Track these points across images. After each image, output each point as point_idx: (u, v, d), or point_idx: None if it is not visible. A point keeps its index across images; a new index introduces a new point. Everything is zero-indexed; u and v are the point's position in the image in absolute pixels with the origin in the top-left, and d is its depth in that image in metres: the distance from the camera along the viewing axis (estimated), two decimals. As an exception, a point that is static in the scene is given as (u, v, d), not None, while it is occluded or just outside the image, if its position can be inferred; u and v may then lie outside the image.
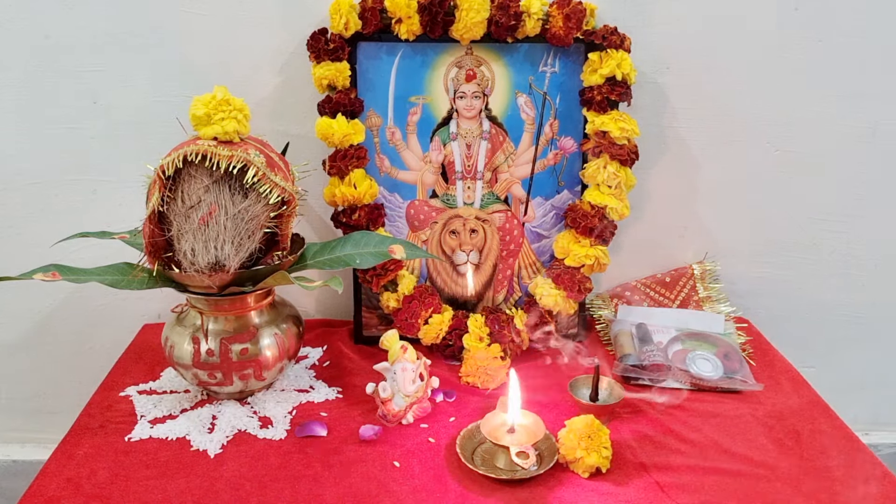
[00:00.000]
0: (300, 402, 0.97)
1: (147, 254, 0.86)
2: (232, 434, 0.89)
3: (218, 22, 1.05)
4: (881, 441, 1.34)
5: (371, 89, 1.04)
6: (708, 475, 0.82)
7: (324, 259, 0.94)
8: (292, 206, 0.89)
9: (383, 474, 0.82)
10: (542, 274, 1.11)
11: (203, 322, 0.90)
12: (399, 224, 1.10)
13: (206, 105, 0.83)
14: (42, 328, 1.21)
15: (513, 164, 1.08)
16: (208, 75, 1.07)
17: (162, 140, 0.93)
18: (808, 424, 0.92)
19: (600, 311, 1.18)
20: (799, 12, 1.07)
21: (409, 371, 0.91)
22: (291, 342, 0.95)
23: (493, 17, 0.98)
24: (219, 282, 0.85)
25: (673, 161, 1.15)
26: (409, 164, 1.08)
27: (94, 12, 1.04)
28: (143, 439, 0.88)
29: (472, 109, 1.06)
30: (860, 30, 1.08)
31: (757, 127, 1.14)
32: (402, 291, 1.07)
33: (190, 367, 0.91)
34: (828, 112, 1.13)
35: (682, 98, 1.11)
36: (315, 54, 1.00)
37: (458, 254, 1.11)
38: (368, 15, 0.99)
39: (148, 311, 1.21)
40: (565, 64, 1.04)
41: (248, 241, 0.85)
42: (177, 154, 0.83)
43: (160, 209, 0.85)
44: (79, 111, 1.09)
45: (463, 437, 0.87)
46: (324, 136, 1.02)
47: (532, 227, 1.11)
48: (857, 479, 0.83)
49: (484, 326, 1.07)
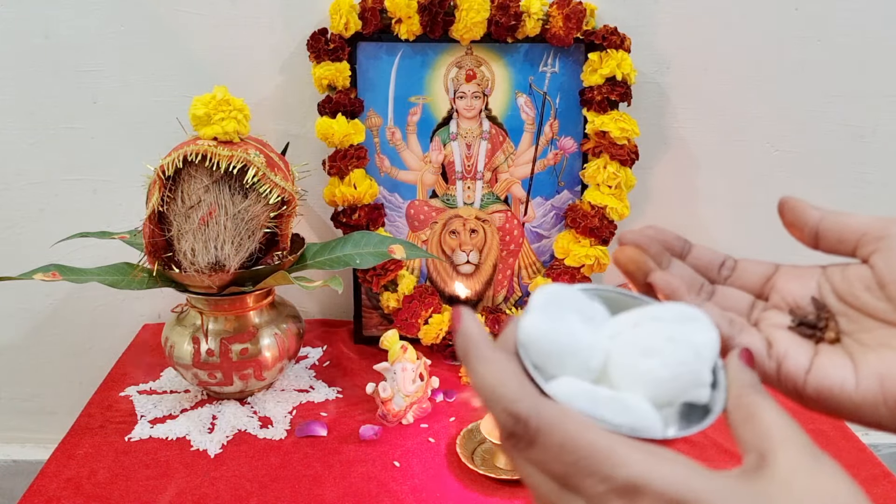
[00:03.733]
0: (300, 402, 0.97)
1: (147, 254, 0.86)
2: (232, 434, 0.89)
3: (218, 22, 1.05)
4: (881, 441, 1.34)
5: (371, 89, 1.04)
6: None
7: (324, 259, 0.94)
8: (292, 206, 0.89)
9: (383, 474, 0.82)
10: (542, 274, 1.11)
11: (203, 322, 0.90)
12: (399, 224, 1.10)
13: (206, 105, 0.83)
14: (42, 328, 1.21)
15: (513, 164, 1.08)
16: (208, 75, 1.07)
17: (162, 140, 0.93)
18: (808, 424, 0.92)
19: (600, 311, 1.17)
20: (799, 12, 1.07)
21: (409, 371, 0.91)
22: (291, 342, 0.95)
23: (493, 18, 0.98)
24: (219, 282, 0.85)
25: (673, 161, 1.15)
26: (409, 164, 1.08)
27: (94, 12, 1.04)
28: (143, 439, 0.88)
29: (472, 109, 1.06)
30: (860, 30, 1.08)
31: (757, 127, 1.14)
32: (402, 291, 1.07)
33: (190, 367, 0.91)
34: (828, 112, 1.13)
35: (682, 98, 1.11)
36: (315, 54, 1.00)
37: (458, 254, 1.11)
38: (368, 15, 0.99)
39: (148, 311, 1.21)
40: (565, 64, 1.04)
41: (248, 241, 0.85)
42: (177, 154, 0.83)
43: (160, 209, 0.85)
44: (79, 111, 1.09)
45: (463, 437, 0.87)
46: (324, 136, 1.02)
47: (532, 227, 1.11)
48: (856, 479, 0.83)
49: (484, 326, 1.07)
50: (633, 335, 0.33)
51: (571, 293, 0.35)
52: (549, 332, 0.33)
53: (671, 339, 0.33)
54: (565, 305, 0.34)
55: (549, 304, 0.34)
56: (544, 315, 0.33)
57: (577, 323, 0.34)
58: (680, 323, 0.33)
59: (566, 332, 0.33)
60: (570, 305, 0.34)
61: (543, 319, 0.33)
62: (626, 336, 0.34)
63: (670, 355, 0.32)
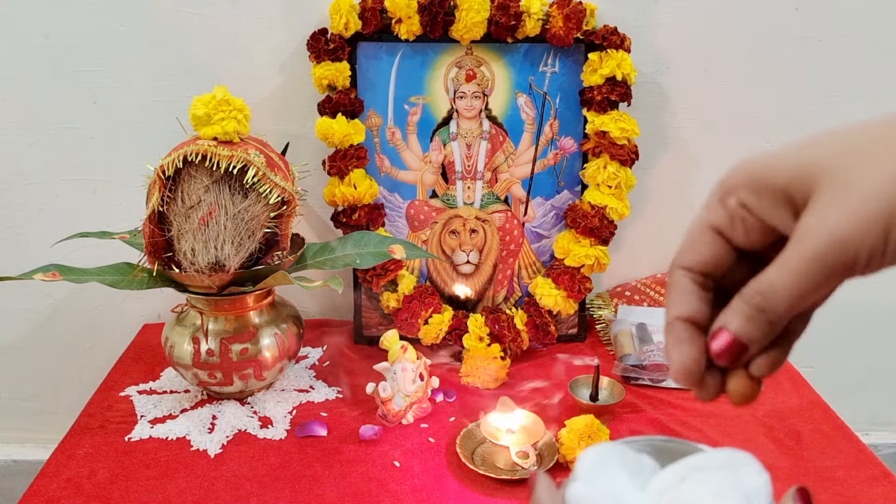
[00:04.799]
0: (300, 402, 0.97)
1: (147, 254, 0.86)
2: (232, 434, 0.89)
3: (218, 22, 1.05)
4: (881, 441, 1.34)
5: (371, 89, 1.04)
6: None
7: (324, 259, 0.94)
8: (292, 206, 0.89)
9: (383, 474, 0.82)
10: (542, 274, 1.11)
11: (203, 322, 0.90)
12: (399, 224, 1.10)
13: (206, 105, 0.83)
14: (42, 328, 1.21)
15: (513, 164, 1.08)
16: (208, 75, 1.07)
17: (162, 140, 0.93)
18: (808, 424, 0.92)
19: (600, 311, 1.18)
20: (799, 12, 1.07)
21: (409, 371, 0.91)
22: (291, 342, 0.95)
23: (493, 18, 0.98)
24: (219, 282, 0.85)
25: (673, 161, 1.15)
26: (409, 164, 1.08)
27: (93, 12, 1.04)
28: (143, 439, 0.88)
29: (472, 109, 1.06)
30: (860, 30, 1.08)
31: (757, 127, 1.14)
32: (402, 291, 1.07)
33: (190, 367, 0.91)
34: (828, 112, 1.13)
35: (682, 98, 1.11)
36: (315, 54, 1.00)
37: (458, 254, 1.11)
38: (368, 15, 0.99)
39: (148, 311, 1.21)
40: (565, 64, 1.04)
41: (248, 241, 0.85)
42: (177, 154, 0.83)
43: (160, 209, 0.85)
44: (79, 111, 1.09)
45: (463, 437, 0.87)
46: (324, 136, 1.02)
47: (532, 227, 1.11)
48: (856, 479, 0.83)
49: (484, 326, 1.07)
50: (679, 494, 0.32)
51: (616, 450, 0.34)
52: (597, 501, 0.31)
53: (717, 494, 0.31)
54: (611, 467, 0.33)
55: (594, 469, 0.33)
56: (590, 483, 0.32)
57: (625, 484, 0.32)
58: (727, 471, 0.32)
59: (614, 499, 0.32)
60: (616, 465, 0.33)
61: (590, 489, 0.32)
62: (672, 494, 0.32)
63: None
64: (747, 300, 0.30)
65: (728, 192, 0.32)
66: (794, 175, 0.30)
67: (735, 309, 0.31)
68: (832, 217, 0.28)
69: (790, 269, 0.29)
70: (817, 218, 0.28)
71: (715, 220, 0.32)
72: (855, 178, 0.28)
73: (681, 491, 0.32)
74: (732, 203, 0.31)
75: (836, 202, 0.28)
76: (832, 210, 0.28)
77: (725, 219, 0.32)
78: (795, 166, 0.30)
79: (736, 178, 0.32)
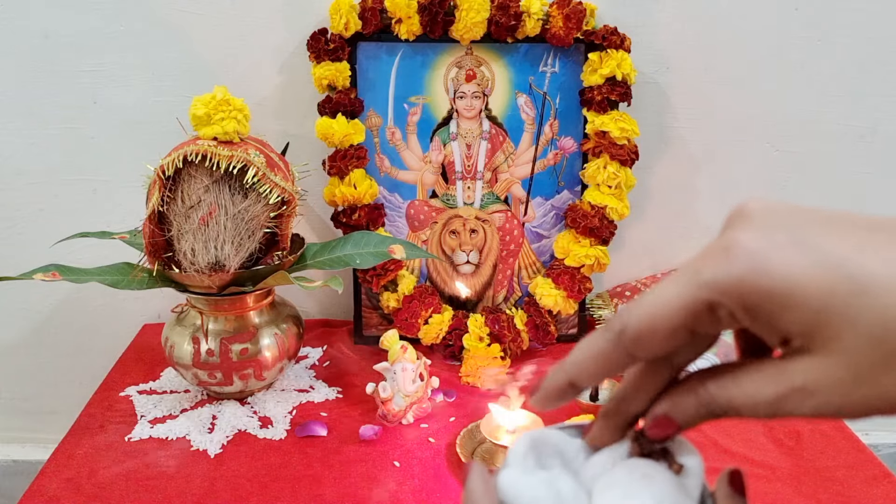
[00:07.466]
0: (300, 402, 0.97)
1: (147, 254, 0.86)
2: (232, 434, 0.89)
3: (218, 22, 1.05)
4: (881, 441, 1.34)
5: (371, 89, 1.04)
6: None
7: (324, 259, 0.94)
8: (292, 206, 0.89)
9: (383, 474, 0.82)
10: (542, 274, 1.11)
11: (203, 322, 0.90)
12: (399, 224, 1.10)
13: (206, 105, 0.83)
14: (42, 328, 1.21)
15: (513, 164, 1.08)
16: (208, 75, 1.07)
17: (162, 140, 0.93)
18: (808, 424, 0.92)
19: (600, 311, 1.18)
20: (799, 12, 1.07)
21: (409, 371, 0.91)
22: (291, 342, 0.95)
23: (493, 18, 0.98)
24: (219, 282, 0.85)
25: (673, 161, 1.15)
26: (409, 164, 1.08)
27: (93, 12, 1.04)
28: (143, 439, 0.88)
29: (472, 109, 1.06)
30: (860, 30, 1.08)
31: (757, 127, 1.14)
32: (402, 291, 1.07)
33: (190, 367, 0.91)
34: (828, 112, 1.13)
35: (682, 98, 1.11)
36: (315, 54, 1.00)
37: (458, 254, 1.11)
38: (368, 15, 0.99)
39: (148, 311, 1.21)
40: (565, 64, 1.04)
41: (248, 241, 0.85)
42: (177, 154, 0.83)
43: (160, 209, 0.85)
44: (79, 111, 1.09)
45: (463, 437, 0.87)
46: (324, 136, 1.02)
47: (532, 227, 1.11)
48: (856, 479, 0.83)
49: (484, 326, 1.07)
50: (610, 479, 0.32)
51: (550, 436, 0.34)
52: (529, 487, 0.31)
53: (648, 476, 0.31)
54: (543, 452, 0.33)
55: (527, 455, 0.33)
56: (523, 469, 0.32)
57: (557, 469, 0.32)
58: (658, 454, 0.32)
59: (546, 485, 0.31)
60: (549, 451, 0.33)
61: (522, 474, 0.32)
62: (605, 480, 0.32)
63: (650, 497, 0.30)
64: (703, 403, 0.29)
65: (717, 301, 0.27)
66: (803, 328, 0.26)
67: (686, 405, 0.30)
68: (836, 395, 0.26)
69: (759, 401, 0.28)
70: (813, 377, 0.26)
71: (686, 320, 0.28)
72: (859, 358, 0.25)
73: (612, 476, 0.32)
74: (723, 314, 0.28)
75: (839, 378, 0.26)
76: (836, 391, 0.26)
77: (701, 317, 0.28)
78: (813, 319, 0.26)
79: (730, 289, 0.27)
